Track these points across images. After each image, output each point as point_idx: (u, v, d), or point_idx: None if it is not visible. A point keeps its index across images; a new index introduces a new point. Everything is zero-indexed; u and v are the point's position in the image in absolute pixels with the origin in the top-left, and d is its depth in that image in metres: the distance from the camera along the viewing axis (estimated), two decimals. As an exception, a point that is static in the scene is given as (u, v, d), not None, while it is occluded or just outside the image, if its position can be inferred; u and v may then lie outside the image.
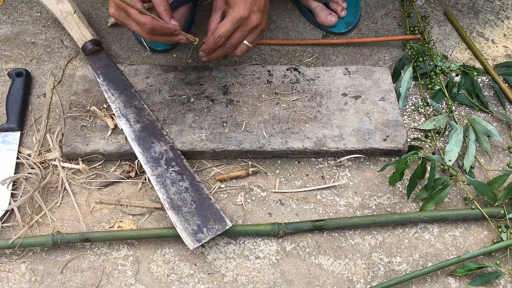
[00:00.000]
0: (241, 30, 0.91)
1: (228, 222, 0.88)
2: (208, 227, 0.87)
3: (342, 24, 1.21)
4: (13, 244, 0.85)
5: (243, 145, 0.97)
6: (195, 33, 1.20)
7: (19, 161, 0.96)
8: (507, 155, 1.04)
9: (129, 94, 1.01)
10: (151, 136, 0.96)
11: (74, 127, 0.98)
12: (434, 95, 1.11)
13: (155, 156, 0.94)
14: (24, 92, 1.04)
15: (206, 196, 0.91)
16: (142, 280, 0.86)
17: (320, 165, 1.00)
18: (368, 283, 0.87)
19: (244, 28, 0.90)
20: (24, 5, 1.23)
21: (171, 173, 0.93)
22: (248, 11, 0.88)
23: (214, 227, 0.87)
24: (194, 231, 0.87)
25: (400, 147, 0.99)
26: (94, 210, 0.93)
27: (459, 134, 1.01)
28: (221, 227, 0.87)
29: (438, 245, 0.92)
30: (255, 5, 0.90)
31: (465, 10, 1.29)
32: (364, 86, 1.07)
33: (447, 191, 0.93)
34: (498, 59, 1.20)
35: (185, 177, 0.92)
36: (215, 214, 0.89)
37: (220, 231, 0.87)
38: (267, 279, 0.87)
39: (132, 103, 1.00)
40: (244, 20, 0.89)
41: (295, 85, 1.07)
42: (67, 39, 1.17)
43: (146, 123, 0.98)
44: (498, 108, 1.11)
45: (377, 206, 0.96)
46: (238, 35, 0.91)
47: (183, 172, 0.93)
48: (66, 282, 0.85)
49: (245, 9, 0.88)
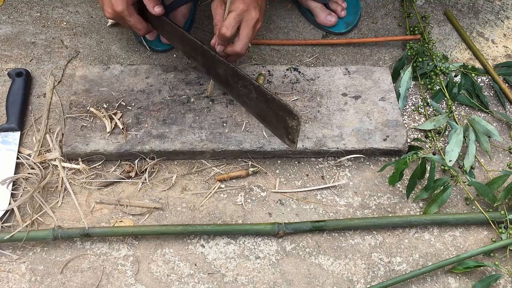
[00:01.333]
0: (247, 27, 0.92)
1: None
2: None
3: (342, 24, 1.21)
4: (14, 237, 0.85)
5: (243, 145, 0.97)
6: (195, 33, 1.20)
7: (19, 161, 0.96)
8: (507, 155, 1.04)
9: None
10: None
11: (74, 127, 0.98)
12: (434, 95, 1.11)
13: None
14: (24, 92, 1.04)
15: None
16: (142, 280, 0.86)
17: (320, 165, 1.00)
18: (368, 283, 0.87)
19: (249, 24, 0.91)
20: (24, 5, 1.23)
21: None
22: (246, 5, 0.91)
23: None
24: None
25: (400, 147, 0.99)
26: (94, 210, 0.93)
27: (459, 134, 1.01)
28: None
29: (438, 245, 0.92)
30: (254, 2, 0.92)
31: (465, 10, 1.29)
32: (364, 86, 1.07)
33: (448, 192, 0.93)
34: (498, 59, 1.20)
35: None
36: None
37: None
38: (267, 279, 0.87)
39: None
40: (246, 13, 0.91)
41: (295, 85, 1.07)
42: (67, 39, 1.17)
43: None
44: (498, 108, 1.11)
45: (377, 206, 0.96)
46: (246, 32, 0.92)
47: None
48: (66, 282, 0.85)
49: (244, 3, 0.90)
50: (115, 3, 0.96)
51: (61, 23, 1.21)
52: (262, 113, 0.93)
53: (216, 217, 0.93)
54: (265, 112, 0.92)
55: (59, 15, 1.22)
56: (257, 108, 0.93)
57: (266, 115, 0.92)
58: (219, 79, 0.99)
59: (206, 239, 0.91)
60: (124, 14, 0.97)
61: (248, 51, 0.95)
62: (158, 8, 0.98)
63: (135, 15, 1.00)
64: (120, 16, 0.98)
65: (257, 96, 0.91)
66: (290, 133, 0.88)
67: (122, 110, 1.01)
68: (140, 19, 1.01)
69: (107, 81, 1.05)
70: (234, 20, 0.90)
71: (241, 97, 0.96)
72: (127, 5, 0.97)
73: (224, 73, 0.96)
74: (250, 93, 0.92)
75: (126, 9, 0.97)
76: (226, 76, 0.96)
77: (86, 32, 1.19)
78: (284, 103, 0.86)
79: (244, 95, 0.94)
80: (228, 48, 0.95)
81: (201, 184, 0.97)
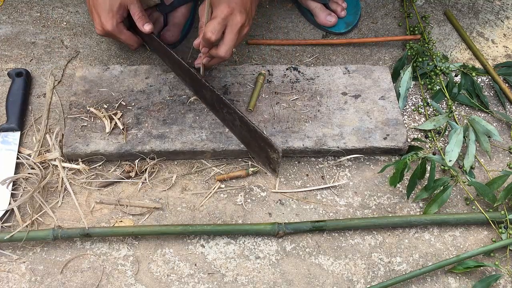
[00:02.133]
0: (231, 31, 0.91)
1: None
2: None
3: (342, 24, 1.21)
4: (14, 237, 0.85)
5: (243, 145, 0.97)
6: (195, 33, 1.20)
7: (19, 161, 0.96)
8: (507, 155, 1.04)
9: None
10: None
11: (74, 127, 0.98)
12: (434, 95, 1.11)
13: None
14: (24, 92, 1.04)
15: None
16: (142, 280, 0.86)
17: (320, 165, 1.00)
18: (368, 283, 0.87)
19: (233, 28, 0.91)
20: (24, 5, 1.23)
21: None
22: (231, 9, 0.90)
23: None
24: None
25: (401, 145, 0.99)
26: (94, 210, 0.93)
27: (459, 134, 1.01)
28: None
29: (438, 245, 0.92)
30: (240, 5, 0.92)
31: (465, 10, 1.29)
32: (364, 85, 1.07)
33: (448, 192, 0.93)
34: (498, 59, 1.20)
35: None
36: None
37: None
38: (267, 279, 0.87)
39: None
40: (231, 18, 0.90)
41: (295, 85, 1.07)
42: (67, 39, 1.17)
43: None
44: (498, 108, 1.11)
45: (377, 206, 0.96)
46: (230, 36, 0.91)
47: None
48: (66, 282, 0.85)
49: (229, 7, 0.90)
50: (105, 22, 0.98)
51: (61, 23, 1.21)
52: (246, 140, 0.95)
53: (216, 217, 0.93)
54: (248, 140, 0.94)
55: (59, 15, 1.22)
56: (241, 134, 0.95)
57: (250, 143, 0.94)
58: (205, 101, 1.00)
59: (206, 239, 0.91)
60: (114, 32, 1.00)
61: (232, 55, 0.95)
62: (148, 26, 1.00)
63: (125, 32, 1.02)
64: (111, 34, 1.01)
65: (240, 125, 0.93)
66: (271, 163, 0.91)
67: (122, 110, 1.01)
68: (131, 35, 1.04)
69: (107, 81, 1.05)
70: (219, 24, 0.90)
71: (226, 121, 0.98)
72: (117, 24, 0.99)
73: (210, 97, 0.97)
74: (234, 120, 0.94)
75: (115, 28, 1.00)
76: (212, 100, 0.98)
77: (86, 32, 1.19)
78: (266, 136, 0.88)
79: (229, 120, 0.96)
80: (213, 50, 0.94)
81: (201, 184, 0.97)
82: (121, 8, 0.98)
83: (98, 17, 0.99)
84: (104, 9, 0.97)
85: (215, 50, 0.93)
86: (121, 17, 1.00)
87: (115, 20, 0.99)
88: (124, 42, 1.04)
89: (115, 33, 1.00)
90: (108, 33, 1.00)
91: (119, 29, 1.00)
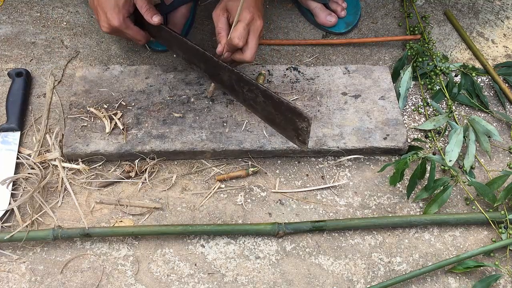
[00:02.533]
0: (254, 35, 0.93)
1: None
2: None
3: (342, 24, 1.21)
4: (14, 237, 0.85)
5: (243, 144, 0.97)
6: (195, 33, 1.20)
7: (19, 161, 0.96)
8: (507, 155, 1.04)
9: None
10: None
11: (74, 128, 0.98)
12: (434, 95, 1.11)
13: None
14: (24, 92, 1.04)
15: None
16: (142, 280, 0.86)
17: (320, 165, 1.00)
18: (368, 283, 0.87)
19: (256, 32, 0.93)
20: (24, 5, 1.23)
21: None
22: (252, 14, 0.93)
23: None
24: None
25: (401, 145, 0.99)
26: (94, 210, 0.93)
27: (459, 134, 1.01)
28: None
29: (438, 245, 0.92)
30: (256, 8, 0.94)
31: (465, 10, 1.29)
32: (364, 85, 1.07)
33: (448, 192, 0.93)
34: (498, 59, 1.20)
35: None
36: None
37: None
38: (267, 279, 0.87)
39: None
40: (252, 23, 0.93)
41: (295, 85, 1.07)
42: (67, 39, 1.17)
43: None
44: (498, 108, 1.11)
45: (377, 206, 0.96)
46: (254, 41, 0.93)
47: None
48: (66, 282, 0.85)
49: (250, 12, 0.92)
50: (111, 18, 0.97)
51: (61, 23, 1.21)
52: (270, 116, 0.94)
53: (216, 217, 0.93)
54: (273, 115, 0.92)
55: (59, 15, 1.22)
56: (265, 111, 0.94)
57: (275, 118, 0.93)
58: (223, 84, 0.99)
59: (206, 239, 0.91)
60: (121, 28, 0.98)
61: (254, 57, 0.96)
62: (157, 18, 0.99)
63: (132, 27, 1.01)
64: (118, 30, 0.99)
65: (264, 100, 0.91)
66: (301, 135, 0.89)
67: (122, 110, 1.01)
68: (138, 30, 1.02)
69: (107, 81, 1.05)
70: (245, 30, 0.92)
71: (247, 101, 0.96)
72: (123, 19, 0.98)
73: (229, 79, 0.96)
74: (256, 97, 0.93)
75: (123, 23, 0.98)
76: (231, 82, 0.96)
77: (86, 32, 1.19)
78: (293, 106, 0.87)
79: (251, 99, 0.94)
80: (237, 55, 0.95)
81: (201, 184, 0.97)
82: (127, 2, 0.97)
83: (103, 14, 0.97)
84: (109, 5, 0.96)
85: (240, 55, 0.95)
86: (127, 12, 0.98)
87: (122, 15, 0.97)
88: (132, 37, 1.02)
89: (122, 28, 0.98)
90: (115, 29, 0.99)
91: (126, 24, 0.99)
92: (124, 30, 0.99)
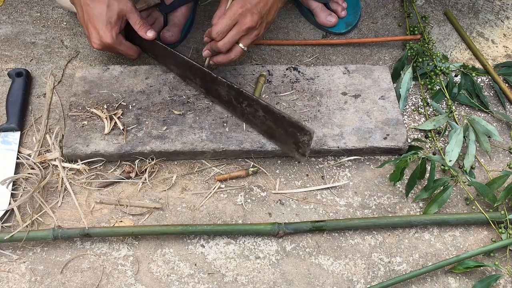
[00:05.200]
0: (236, 29, 0.91)
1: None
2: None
3: (342, 24, 1.22)
4: (14, 237, 0.85)
5: (243, 145, 0.97)
6: (195, 33, 1.20)
7: (19, 161, 0.96)
8: (507, 155, 1.04)
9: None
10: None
11: (74, 128, 0.98)
12: (434, 95, 1.11)
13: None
14: (24, 92, 1.04)
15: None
16: (142, 280, 0.86)
17: (320, 165, 1.00)
18: (368, 283, 0.87)
19: (240, 27, 0.91)
20: (24, 5, 1.23)
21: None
22: (244, 9, 0.90)
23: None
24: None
25: (401, 145, 0.99)
26: (94, 210, 0.93)
27: (459, 134, 1.01)
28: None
29: (438, 245, 0.92)
30: (255, 7, 0.91)
31: (465, 10, 1.29)
32: (364, 85, 1.07)
33: (448, 192, 0.93)
34: (498, 59, 1.20)
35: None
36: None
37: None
38: (267, 279, 0.87)
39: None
40: (241, 17, 0.90)
41: (295, 85, 1.07)
42: (67, 39, 1.17)
43: None
44: (498, 108, 1.11)
45: (377, 206, 0.96)
46: (233, 33, 0.91)
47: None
48: (66, 282, 0.85)
49: (242, 8, 0.90)
50: (104, 35, 0.95)
51: (61, 23, 1.21)
52: (269, 130, 0.95)
53: (216, 217, 0.93)
54: (272, 130, 0.94)
55: (59, 15, 1.22)
56: (264, 125, 0.95)
57: (274, 132, 0.94)
58: (220, 99, 0.99)
59: (206, 239, 0.91)
60: (114, 45, 0.97)
61: (243, 56, 0.94)
62: (151, 33, 0.98)
63: (124, 43, 1.00)
64: (110, 47, 0.98)
65: (264, 115, 0.92)
66: (301, 147, 0.91)
67: (122, 110, 1.01)
68: (130, 45, 1.01)
69: (107, 82, 1.05)
70: (229, 19, 0.90)
71: (245, 116, 0.97)
72: (116, 35, 0.96)
73: (227, 94, 0.96)
74: (256, 112, 0.93)
75: (116, 39, 0.96)
76: (229, 97, 0.97)
77: (86, 32, 1.19)
78: (295, 120, 0.88)
79: (250, 113, 0.95)
80: (212, 43, 0.94)
81: (201, 184, 0.97)
82: (119, 18, 0.96)
83: (95, 31, 0.95)
84: (101, 21, 0.94)
85: (214, 42, 0.93)
86: (119, 28, 0.97)
87: (114, 32, 0.95)
88: (124, 53, 1.01)
89: (115, 45, 0.97)
90: (107, 46, 0.97)
91: (119, 40, 0.98)
92: (117, 47, 0.98)
